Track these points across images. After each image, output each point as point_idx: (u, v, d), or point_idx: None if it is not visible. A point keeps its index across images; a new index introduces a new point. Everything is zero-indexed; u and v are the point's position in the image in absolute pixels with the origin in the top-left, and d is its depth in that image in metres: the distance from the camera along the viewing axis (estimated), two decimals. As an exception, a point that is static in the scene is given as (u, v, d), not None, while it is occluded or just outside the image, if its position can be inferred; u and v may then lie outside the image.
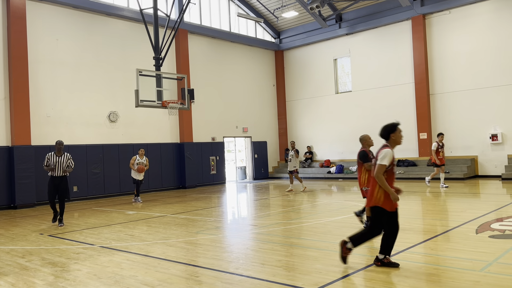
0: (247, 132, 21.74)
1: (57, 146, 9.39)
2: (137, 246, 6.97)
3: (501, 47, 16.52)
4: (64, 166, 9.30)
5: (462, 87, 17.49)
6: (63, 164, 9.30)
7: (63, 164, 9.30)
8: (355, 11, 20.33)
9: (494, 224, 7.36)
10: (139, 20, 16.48)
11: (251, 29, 22.44)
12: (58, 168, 9.27)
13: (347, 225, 8.20)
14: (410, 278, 4.66)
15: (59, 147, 9.38)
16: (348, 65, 21.09)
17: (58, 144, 9.40)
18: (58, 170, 9.27)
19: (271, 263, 5.57)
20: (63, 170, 9.32)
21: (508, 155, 16.36)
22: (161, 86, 13.24)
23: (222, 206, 12.60)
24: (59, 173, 9.28)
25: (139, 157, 13.53)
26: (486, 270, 4.80)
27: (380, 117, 19.60)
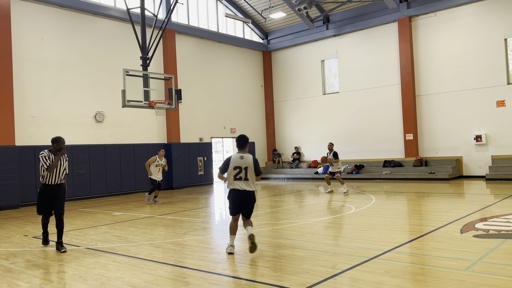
0: (235, 132, 21.72)
1: (62, 143, 7.01)
2: (124, 248, 6.90)
3: (485, 49, 16.79)
4: (62, 170, 7.07)
5: (447, 89, 17.74)
6: (62, 168, 7.04)
7: (62, 166, 7.04)
8: (342, 13, 20.46)
9: (478, 224, 7.47)
10: (126, 20, 16.35)
11: (239, 30, 22.43)
12: (57, 173, 6.98)
13: (334, 225, 8.24)
14: (397, 278, 4.70)
15: (63, 144, 7.03)
16: (335, 66, 21.22)
17: (62, 140, 7.03)
18: (56, 175, 6.96)
19: (259, 264, 5.56)
20: (61, 176, 7.05)
21: (492, 156, 16.63)
22: (148, 86, 13.15)
23: (210, 207, 12.56)
24: (56, 179, 6.97)
25: (158, 158, 12.87)
26: (471, 269, 4.86)
27: (367, 118, 19.81)
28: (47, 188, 6.98)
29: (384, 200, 11.89)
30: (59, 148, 7.02)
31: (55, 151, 7.04)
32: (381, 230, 7.44)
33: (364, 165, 19.58)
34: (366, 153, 19.93)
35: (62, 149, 7.02)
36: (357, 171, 19.36)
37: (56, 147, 7.02)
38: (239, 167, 6.17)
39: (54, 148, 7.04)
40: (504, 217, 8.00)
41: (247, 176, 6.17)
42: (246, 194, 6.20)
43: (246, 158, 6.22)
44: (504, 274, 4.66)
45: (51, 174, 6.90)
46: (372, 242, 6.49)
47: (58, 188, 7.04)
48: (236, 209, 6.29)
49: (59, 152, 6.97)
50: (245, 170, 6.17)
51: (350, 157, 20.27)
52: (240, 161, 6.20)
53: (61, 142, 7.03)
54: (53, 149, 7.06)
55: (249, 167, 6.18)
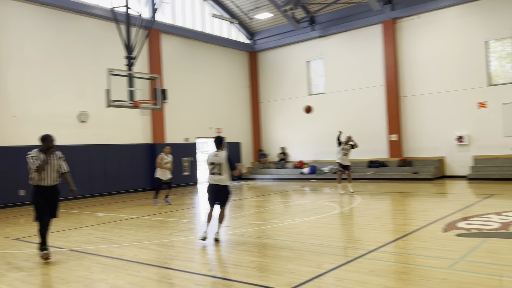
0: (220, 133, 21.67)
1: (51, 141, 6.46)
2: (108, 249, 6.82)
3: (466, 51, 17.08)
4: (55, 170, 6.47)
5: (430, 90, 18.00)
6: (54, 168, 6.48)
7: (55, 166, 6.49)
8: (327, 14, 20.59)
9: (460, 223, 7.59)
10: (111, 19, 16.15)
11: (225, 30, 22.39)
12: (50, 173, 6.41)
13: (319, 225, 8.28)
14: (381, 277, 4.75)
15: (52, 142, 6.48)
16: (321, 67, 21.34)
17: (51, 138, 6.48)
18: (49, 176, 6.38)
19: (244, 264, 5.56)
20: (56, 176, 6.51)
21: (474, 156, 16.93)
22: (133, 86, 13.04)
23: (195, 207, 12.51)
24: (50, 180, 6.41)
25: (165, 155, 12.46)
26: (453, 268, 4.94)
27: (352, 119, 19.97)
28: (41, 191, 6.37)
29: (368, 200, 12.00)
30: (48, 146, 6.44)
31: (45, 150, 6.46)
32: (365, 230, 7.51)
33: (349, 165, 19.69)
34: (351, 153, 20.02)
35: (51, 147, 6.43)
36: (342, 171, 19.47)
37: (45, 146, 6.45)
38: (213, 163, 6.96)
39: (44, 146, 6.48)
40: (485, 216, 8.15)
41: (220, 172, 6.91)
42: (219, 187, 6.96)
43: (220, 156, 6.96)
44: (486, 273, 4.74)
45: (44, 175, 6.33)
46: (357, 242, 6.54)
47: (53, 190, 6.47)
48: (211, 200, 7.11)
49: (49, 151, 6.40)
50: (219, 166, 6.90)
51: (334, 157, 20.35)
52: (215, 158, 6.97)
53: (50, 140, 6.48)
54: (43, 147, 6.49)
55: (223, 163, 6.89)
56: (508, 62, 16.49)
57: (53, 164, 6.45)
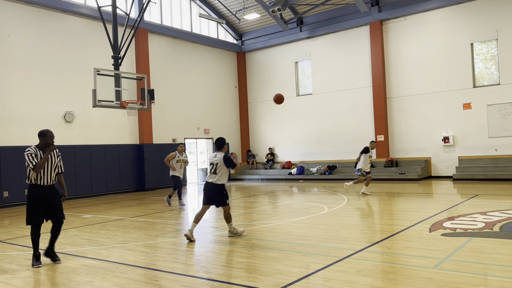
0: (208, 133, 21.61)
1: (50, 137, 6.01)
2: (94, 251, 6.75)
3: (452, 53, 17.31)
4: (54, 168, 6.05)
5: (416, 91, 18.20)
6: (53, 166, 6.05)
7: (53, 165, 6.06)
8: (315, 15, 20.69)
9: (446, 223, 7.69)
10: (97, 18, 16.01)
11: (213, 30, 22.34)
12: (49, 171, 5.98)
13: (307, 225, 8.30)
14: (368, 277, 4.78)
15: (51, 139, 6.03)
16: (308, 68, 21.43)
17: (49, 134, 6.03)
18: (48, 175, 5.95)
19: (232, 265, 5.55)
20: (54, 175, 6.07)
21: (459, 157, 17.16)
22: (120, 86, 12.93)
23: (183, 208, 12.44)
24: (48, 180, 5.95)
25: (178, 153, 12.09)
26: (439, 267, 4.99)
27: (340, 120, 20.10)
28: (39, 191, 5.87)
29: (356, 200, 12.07)
30: (46, 143, 5.98)
31: (43, 147, 5.99)
32: (353, 230, 7.56)
33: (336, 166, 19.84)
34: (338, 154, 20.20)
35: (50, 144, 5.98)
36: (330, 171, 19.60)
37: (43, 142, 5.98)
38: (212, 163, 7.25)
39: (42, 143, 6.00)
40: (470, 216, 8.27)
41: (216, 171, 7.17)
42: (213, 186, 7.20)
43: (218, 156, 7.23)
44: (470, 272, 4.80)
45: (41, 173, 5.88)
46: (345, 242, 6.58)
47: (52, 189, 6.00)
48: (206, 199, 7.31)
49: (48, 148, 5.94)
50: (215, 165, 7.16)
51: (323, 158, 20.51)
52: (213, 159, 7.27)
53: (48, 135, 6.00)
54: (40, 144, 6.01)
55: (219, 163, 7.13)
56: (493, 64, 16.76)
57: (53, 162, 6.01)
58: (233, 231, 7.34)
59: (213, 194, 7.24)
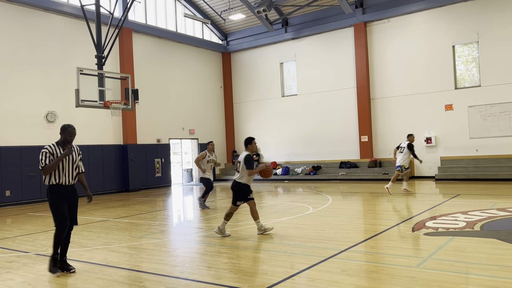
0: (193, 134, 21.52)
1: (69, 133, 5.46)
2: (77, 253, 6.65)
3: (435, 55, 17.59)
4: (75, 167, 5.56)
5: (400, 93, 18.42)
6: (74, 165, 5.54)
7: (74, 163, 5.53)
8: (300, 16, 20.78)
9: (428, 222, 7.80)
10: (80, 17, 15.80)
11: (198, 30, 22.26)
12: (69, 170, 5.47)
13: (292, 226, 8.33)
14: (352, 277, 4.82)
15: (71, 135, 5.48)
16: (293, 69, 21.51)
17: (70, 129, 5.47)
18: (68, 174, 5.46)
19: (217, 266, 5.53)
20: (75, 175, 5.59)
21: (441, 157, 17.43)
22: (103, 86, 12.78)
23: (167, 209, 12.36)
24: (70, 179, 5.49)
25: (208, 152, 11.22)
26: (422, 266, 5.06)
27: (324, 120, 20.22)
28: (62, 190, 5.39)
29: (340, 200, 12.16)
30: (65, 139, 5.42)
31: (62, 143, 5.42)
32: (337, 230, 7.61)
33: (321, 166, 19.96)
34: (323, 154, 20.32)
35: (69, 141, 5.44)
36: (315, 172, 19.71)
37: (63, 138, 5.41)
38: (238, 161, 7.62)
39: (61, 139, 5.43)
40: (452, 216, 8.40)
41: (238, 169, 7.51)
42: (234, 183, 7.55)
43: (241, 155, 7.58)
44: (452, 270, 4.88)
45: (61, 172, 5.36)
46: (329, 242, 6.62)
47: (73, 190, 5.55)
48: (232, 198, 7.55)
49: (62, 153, 5.35)
50: (239, 164, 7.52)
51: (307, 158, 20.60)
52: (239, 158, 7.63)
53: (68, 131, 5.40)
54: (60, 140, 5.43)
55: (241, 162, 7.45)
56: (474, 66, 17.08)
57: (74, 160, 5.47)
58: (220, 230, 7.39)
59: (233, 191, 7.51)
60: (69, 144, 5.48)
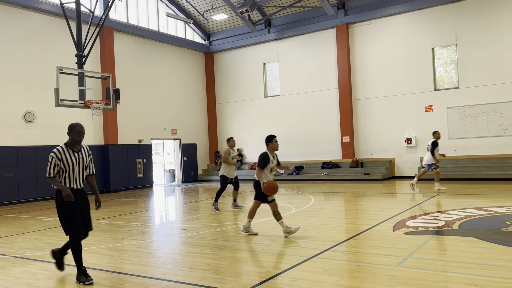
0: (176, 134, 21.37)
1: (77, 132, 5.13)
2: (56, 255, 6.52)
3: (415, 57, 17.88)
4: (85, 169, 5.22)
5: (381, 94, 18.66)
6: (84, 166, 5.21)
7: (84, 165, 5.21)
8: (283, 17, 20.86)
9: (408, 222, 7.92)
10: (60, 15, 15.52)
11: (180, 30, 22.12)
12: (80, 173, 5.15)
13: (274, 226, 8.35)
14: (334, 276, 4.86)
15: (79, 134, 5.14)
16: (276, 70, 21.57)
17: (78, 128, 5.15)
18: (78, 177, 5.13)
19: (200, 267, 5.51)
20: (84, 177, 5.26)
21: (421, 158, 17.71)
22: (84, 85, 12.60)
23: (149, 210, 12.24)
24: (79, 182, 5.16)
25: (230, 149, 10.79)
26: (402, 265, 5.14)
27: (307, 121, 20.34)
28: (72, 193, 5.01)
29: (322, 200, 12.25)
30: (73, 139, 5.09)
31: (71, 144, 5.09)
32: (320, 230, 7.66)
33: (303, 167, 20.06)
34: (305, 155, 20.43)
35: (77, 141, 5.09)
36: (297, 172, 19.80)
37: (71, 138, 5.09)
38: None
39: (69, 139, 5.09)
40: (431, 215, 8.55)
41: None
42: (254, 181, 7.33)
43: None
44: (431, 269, 4.97)
45: (69, 175, 5.02)
46: (311, 242, 6.66)
47: (83, 195, 5.17)
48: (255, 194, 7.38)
49: (76, 146, 5.11)
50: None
51: (290, 158, 20.67)
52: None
53: (76, 130, 5.07)
54: (68, 141, 5.09)
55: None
56: (453, 68, 17.42)
57: (84, 162, 5.14)
58: (285, 231, 7.06)
59: (254, 189, 7.32)
60: (78, 144, 5.14)
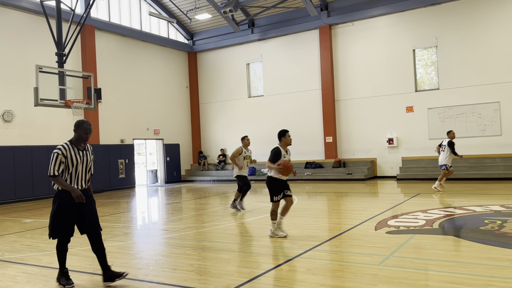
0: (158, 134, 21.20)
1: (84, 130, 4.83)
2: (35, 257, 6.41)
3: (396, 59, 18.12)
4: (89, 169, 4.97)
5: (363, 95, 18.86)
6: (88, 166, 4.96)
7: (88, 164, 4.95)
8: (267, 18, 20.89)
9: (390, 221, 8.02)
10: (40, 13, 15.24)
11: (163, 29, 21.95)
12: (83, 173, 4.90)
13: (258, 226, 8.36)
14: (317, 275, 4.88)
15: (86, 132, 4.85)
16: (260, 70, 21.59)
17: (85, 125, 4.85)
18: (82, 177, 4.88)
19: (183, 268, 5.47)
20: (88, 177, 5.01)
21: (402, 158, 17.98)
22: (64, 84, 12.39)
23: (131, 211, 12.11)
24: (83, 183, 4.90)
25: (244, 148, 10.25)
26: (384, 264, 5.20)
27: (290, 121, 20.38)
28: (72, 198, 4.71)
29: (306, 200, 12.31)
30: (80, 136, 4.79)
31: (76, 141, 4.80)
32: (303, 229, 7.70)
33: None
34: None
35: (84, 139, 4.82)
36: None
37: (77, 135, 4.79)
38: None
39: (75, 136, 4.80)
40: (412, 214, 8.68)
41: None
42: (267, 178, 7.12)
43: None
44: (412, 267, 5.04)
45: (73, 176, 4.76)
46: (295, 241, 6.68)
47: (86, 195, 4.89)
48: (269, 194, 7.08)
49: (81, 144, 4.84)
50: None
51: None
52: None
53: (83, 128, 4.77)
54: (74, 138, 4.80)
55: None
56: (433, 70, 17.72)
57: (88, 162, 4.88)
58: (274, 232, 6.94)
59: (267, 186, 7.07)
60: (84, 142, 4.87)
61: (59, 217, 4.76)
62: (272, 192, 6.96)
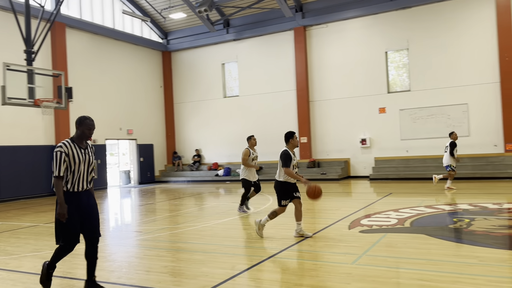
0: (132, 134, 20.87)
1: (87, 126, 4.51)
2: (2, 261, 6.19)
3: (369, 60, 18.44)
4: (91, 169, 4.61)
5: (337, 96, 19.10)
6: (90, 165, 4.60)
7: (90, 164, 4.59)
8: (242, 18, 20.88)
9: (363, 220, 8.15)
10: (8, 9, 14.75)
11: (137, 28, 21.63)
12: (85, 174, 4.53)
13: (234, 226, 8.34)
14: (292, 275, 4.91)
15: (89, 128, 4.52)
16: (235, 70, 21.56)
17: (88, 121, 4.53)
18: (84, 177, 4.52)
19: (157, 270, 5.40)
20: (90, 177, 4.63)
21: (375, 158, 18.31)
22: (33, 83, 12.04)
23: (104, 212, 11.87)
24: (85, 183, 4.54)
25: (251, 149, 10.02)
26: (357, 263, 5.28)
27: (266, 122, 20.47)
28: (74, 199, 4.42)
29: (280, 200, 12.33)
30: (83, 133, 4.48)
31: (78, 139, 4.49)
32: (278, 230, 7.73)
33: (262, 167, 20.14)
34: (264, 155, 20.45)
35: (87, 135, 4.51)
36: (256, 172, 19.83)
37: (79, 132, 4.48)
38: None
39: (77, 134, 4.50)
40: (385, 213, 8.85)
41: (278, 166, 7.00)
42: (275, 182, 7.11)
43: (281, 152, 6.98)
44: (385, 265, 5.14)
45: (75, 176, 4.42)
46: (270, 242, 6.70)
47: (88, 196, 4.58)
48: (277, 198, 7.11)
49: (83, 142, 4.53)
50: (279, 161, 6.95)
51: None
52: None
53: (86, 124, 4.46)
54: (75, 135, 4.50)
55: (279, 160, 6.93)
56: (405, 72, 18.12)
57: (90, 161, 4.55)
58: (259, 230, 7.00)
59: (275, 189, 7.03)
60: (86, 140, 4.55)
61: (62, 224, 4.44)
62: (281, 196, 6.96)
